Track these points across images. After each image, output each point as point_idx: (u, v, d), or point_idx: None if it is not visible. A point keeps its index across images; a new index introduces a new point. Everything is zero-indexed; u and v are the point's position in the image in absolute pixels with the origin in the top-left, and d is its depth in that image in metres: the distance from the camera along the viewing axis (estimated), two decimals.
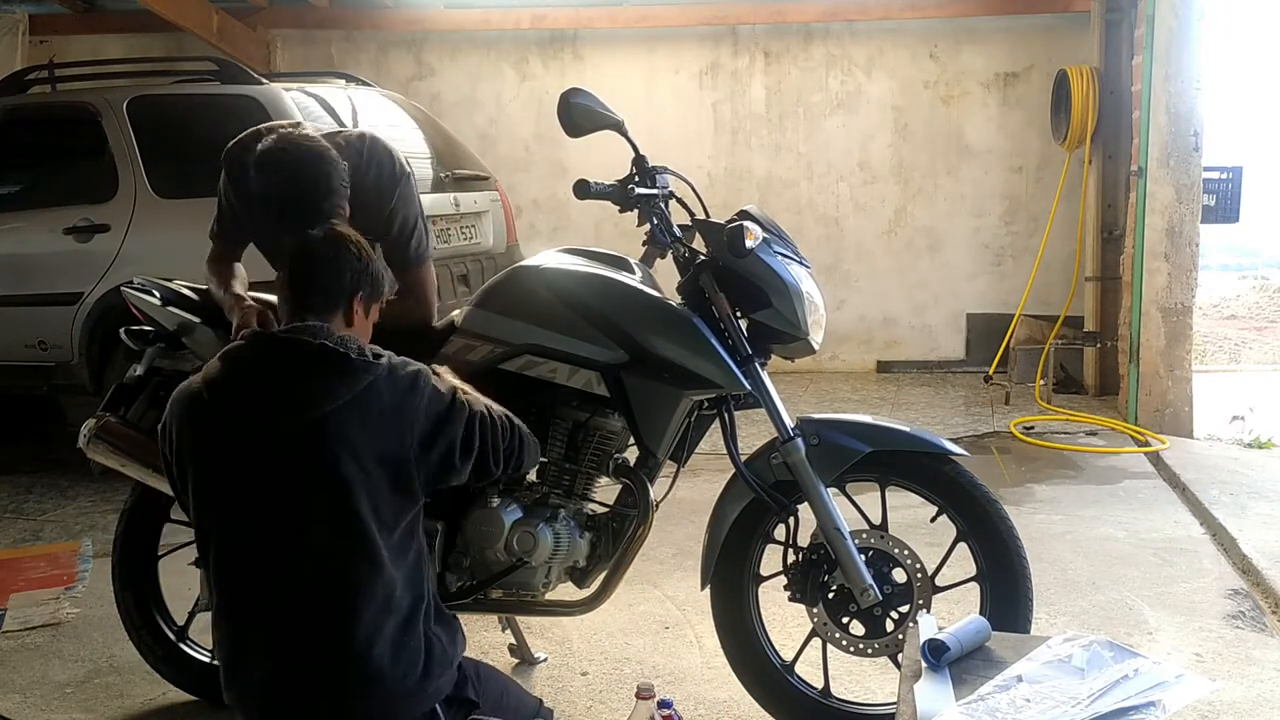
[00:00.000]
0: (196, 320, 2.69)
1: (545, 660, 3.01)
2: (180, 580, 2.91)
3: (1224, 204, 6.10)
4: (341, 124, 4.86)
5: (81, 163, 5.09)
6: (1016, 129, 7.44)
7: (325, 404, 1.87)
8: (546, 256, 2.53)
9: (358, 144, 2.61)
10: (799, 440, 2.36)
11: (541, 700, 2.27)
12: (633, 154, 2.48)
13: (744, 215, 2.43)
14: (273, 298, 2.29)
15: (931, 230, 7.59)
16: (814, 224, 7.62)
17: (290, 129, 2.51)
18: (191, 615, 2.82)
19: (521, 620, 2.99)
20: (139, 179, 4.80)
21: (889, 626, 2.38)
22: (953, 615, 2.50)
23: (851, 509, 2.46)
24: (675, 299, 2.45)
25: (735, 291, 2.38)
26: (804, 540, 2.42)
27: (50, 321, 4.90)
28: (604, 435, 2.45)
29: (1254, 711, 2.66)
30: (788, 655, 2.55)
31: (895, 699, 1.92)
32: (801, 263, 2.46)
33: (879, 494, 2.46)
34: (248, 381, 1.92)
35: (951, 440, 2.43)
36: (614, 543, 2.47)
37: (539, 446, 2.28)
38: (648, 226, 2.47)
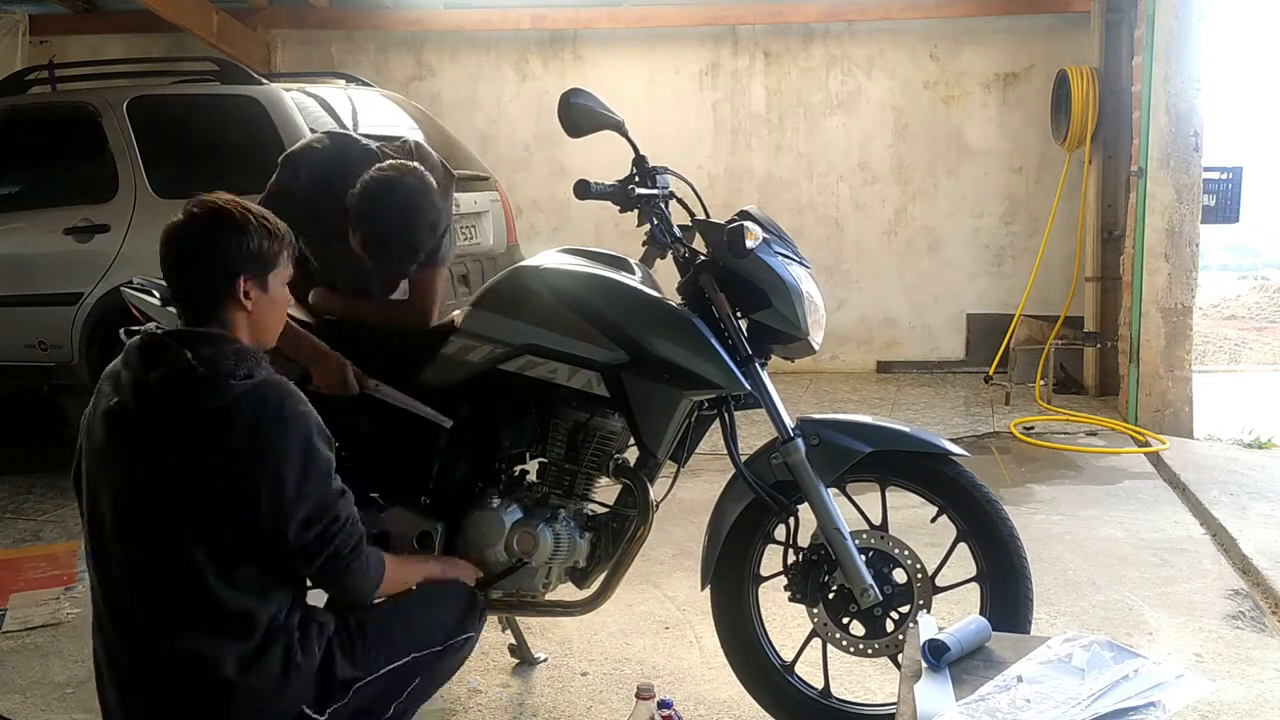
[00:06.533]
0: None
1: (545, 660, 3.01)
2: None
3: (1224, 204, 6.11)
4: (342, 125, 4.87)
5: (81, 163, 5.09)
6: (1016, 129, 7.44)
7: (169, 422, 1.78)
8: (546, 256, 2.53)
9: (409, 153, 2.64)
10: (799, 440, 2.36)
11: (470, 605, 2.20)
12: (633, 154, 2.48)
13: (744, 215, 2.43)
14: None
15: (931, 230, 7.60)
16: (814, 224, 7.63)
17: (341, 137, 2.56)
18: None
19: (521, 620, 2.99)
20: (139, 179, 4.80)
21: (889, 627, 2.38)
22: (953, 615, 2.50)
23: (851, 509, 2.46)
24: (675, 299, 2.45)
25: (735, 292, 2.37)
26: (804, 540, 2.42)
27: (50, 321, 4.90)
28: (604, 435, 2.45)
29: (1254, 711, 2.66)
30: (788, 655, 2.55)
31: (895, 699, 1.92)
32: (801, 263, 2.46)
33: (879, 494, 2.46)
34: (117, 380, 1.85)
35: (951, 440, 2.43)
36: (614, 543, 2.47)
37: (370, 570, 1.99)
38: (648, 226, 2.46)
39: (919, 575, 2.36)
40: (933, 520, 2.44)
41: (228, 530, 1.80)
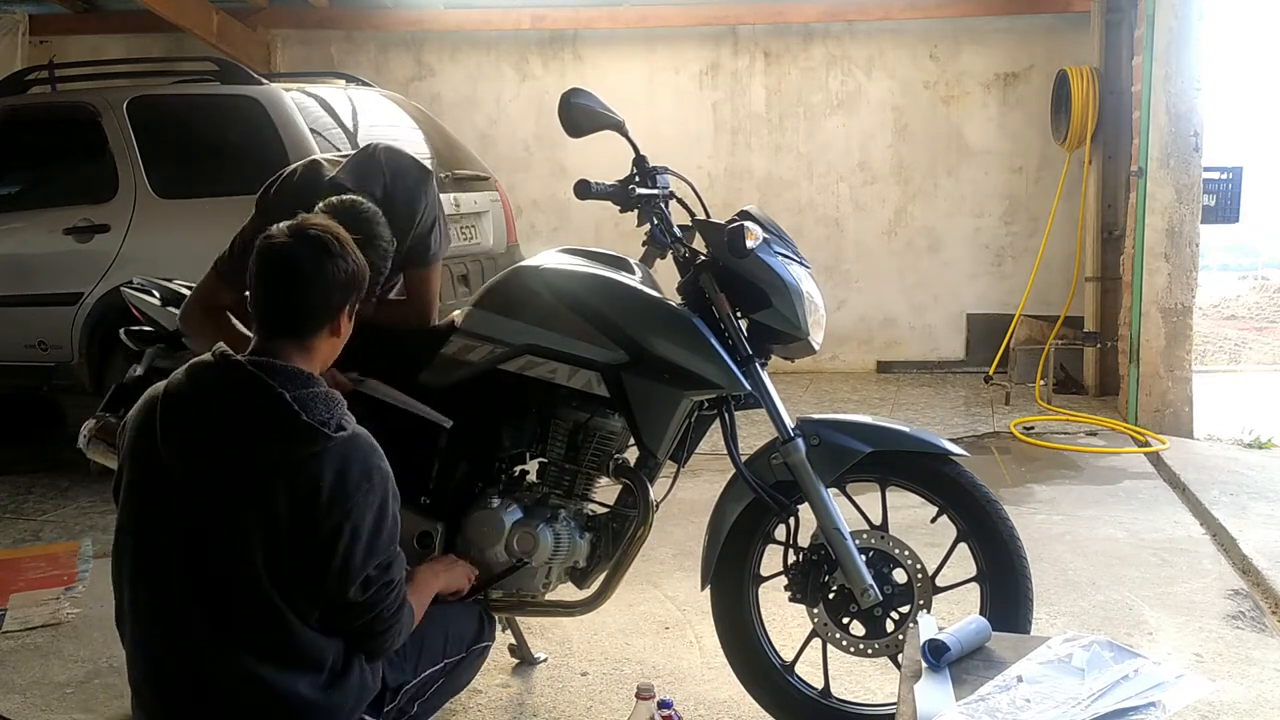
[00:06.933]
0: None
1: (545, 660, 3.01)
2: None
3: (1224, 204, 6.11)
4: (342, 125, 4.86)
5: (81, 163, 5.09)
6: (1016, 129, 7.44)
7: (254, 462, 1.76)
8: (546, 256, 2.53)
9: (379, 162, 2.59)
10: (799, 440, 2.36)
11: (484, 618, 2.30)
12: (633, 154, 2.48)
13: (744, 215, 2.43)
14: None
15: (931, 230, 7.60)
16: (814, 224, 7.63)
17: (308, 170, 2.54)
18: None
19: (521, 620, 2.99)
20: (139, 179, 4.80)
21: (889, 627, 2.38)
22: (953, 615, 2.50)
23: (851, 509, 2.46)
24: (675, 299, 2.45)
25: (735, 292, 2.38)
26: (804, 540, 2.42)
27: (50, 321, 4.90)
28: (604, 436, 2.45)
29: (1254, 711, 2.66)
30: (788, 655, 2.54)
31: (895, 699, 1.93)
32: (801, 263, 2.46)
33: (879, 494, 2.46)
34: (192, 409, 1.80)
35: (951, 440, 2.43)
36: (614, 543, 2.47)
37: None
38: (648, 226, 2.46)
39: (919, 575, 2.36)
40: (933, 520, 2.44)
41: (300, 578, 1.80)
